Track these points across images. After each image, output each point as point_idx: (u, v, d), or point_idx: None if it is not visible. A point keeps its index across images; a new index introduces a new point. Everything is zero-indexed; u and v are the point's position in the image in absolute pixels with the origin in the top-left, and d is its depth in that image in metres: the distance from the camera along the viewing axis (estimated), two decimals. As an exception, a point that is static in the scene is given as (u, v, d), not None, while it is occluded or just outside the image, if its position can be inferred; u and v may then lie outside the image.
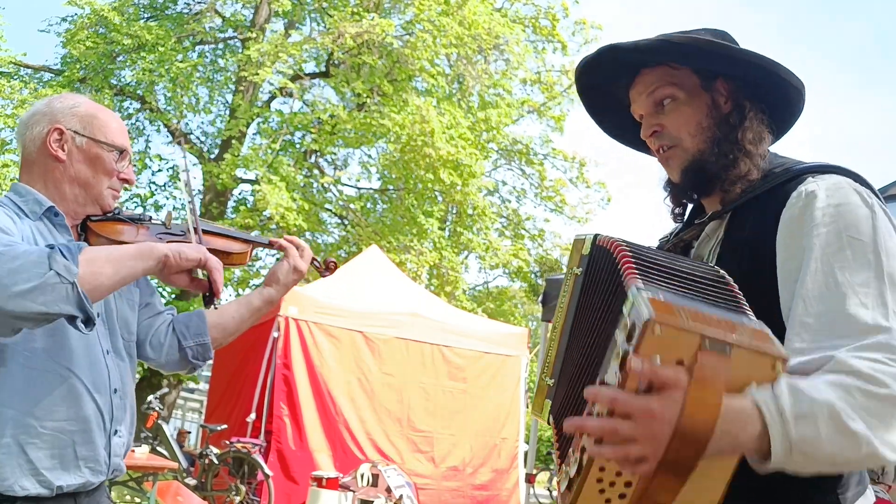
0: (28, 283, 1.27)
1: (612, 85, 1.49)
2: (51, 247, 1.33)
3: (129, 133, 1.83)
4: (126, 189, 1.81)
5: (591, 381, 1.11)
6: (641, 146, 1.55)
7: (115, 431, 1.63)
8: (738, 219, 1.31)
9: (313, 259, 1.96)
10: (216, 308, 1.57)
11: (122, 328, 1.72)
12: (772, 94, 1.36)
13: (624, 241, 1.21)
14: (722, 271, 1.19)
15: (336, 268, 2.04)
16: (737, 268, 1.21)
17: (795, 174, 1.26)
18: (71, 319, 1.34)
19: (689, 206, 1.50)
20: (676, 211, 1.50)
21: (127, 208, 1.89)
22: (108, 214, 1.71)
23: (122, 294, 1.73)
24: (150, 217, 1.78)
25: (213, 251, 1.73)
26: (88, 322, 1.35)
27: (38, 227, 1.59)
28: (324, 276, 2.06)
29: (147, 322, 1.81)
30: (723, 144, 1.32)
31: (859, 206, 1.18)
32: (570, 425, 1.00)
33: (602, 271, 1.25)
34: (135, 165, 1.68)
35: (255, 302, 1.87)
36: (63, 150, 1.64)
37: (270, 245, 1.91)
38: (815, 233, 1.16)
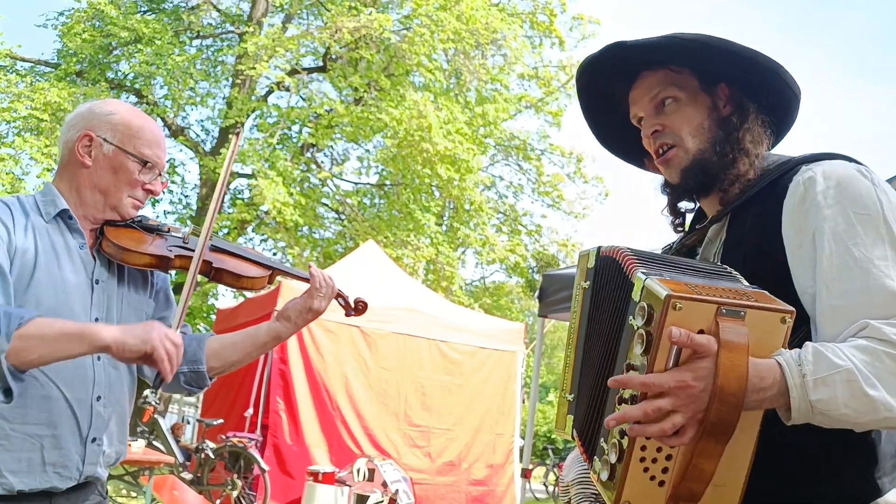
0: None
1: (611, 88, 1.47)
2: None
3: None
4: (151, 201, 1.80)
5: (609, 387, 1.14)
6: (628, 156, 1.57)
7: (94, 439, 1.60)
8: (739, 218, 1.31)
9: (339, 295, 1.88)
10: (159, 390, 1.48)
11: None
12: (772, 97, 1.36)
13: (626, 247, 1.24)
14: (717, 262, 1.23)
15: (365, 309, 1.94)
16: (742, 263, 1.22)
17: (790, 167, 1.27)
18: None
19: (689, 215, 1.48)
20: (676, 221, 1.48)
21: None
22: (129, 222, 1.71)
23: (131, 303, 1.72)
24: (169, 228, 1.76)
25: (223, 271, 1.74)
26: (8, 393, 1.37)
27: (51, 228, 1.60)
28: (348, 316, 1.95)
29: None
30: (723, 145, 1.32)
31: (860, 180, 1.18)
32: (612, 420, 1.04)
33: (608, 276, 1.27)
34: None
35: (261, 337, 1.84)
36: (90, 157, 1.65)
37: (294, 276, 1.86)
38: (821, 215, 1.16)
